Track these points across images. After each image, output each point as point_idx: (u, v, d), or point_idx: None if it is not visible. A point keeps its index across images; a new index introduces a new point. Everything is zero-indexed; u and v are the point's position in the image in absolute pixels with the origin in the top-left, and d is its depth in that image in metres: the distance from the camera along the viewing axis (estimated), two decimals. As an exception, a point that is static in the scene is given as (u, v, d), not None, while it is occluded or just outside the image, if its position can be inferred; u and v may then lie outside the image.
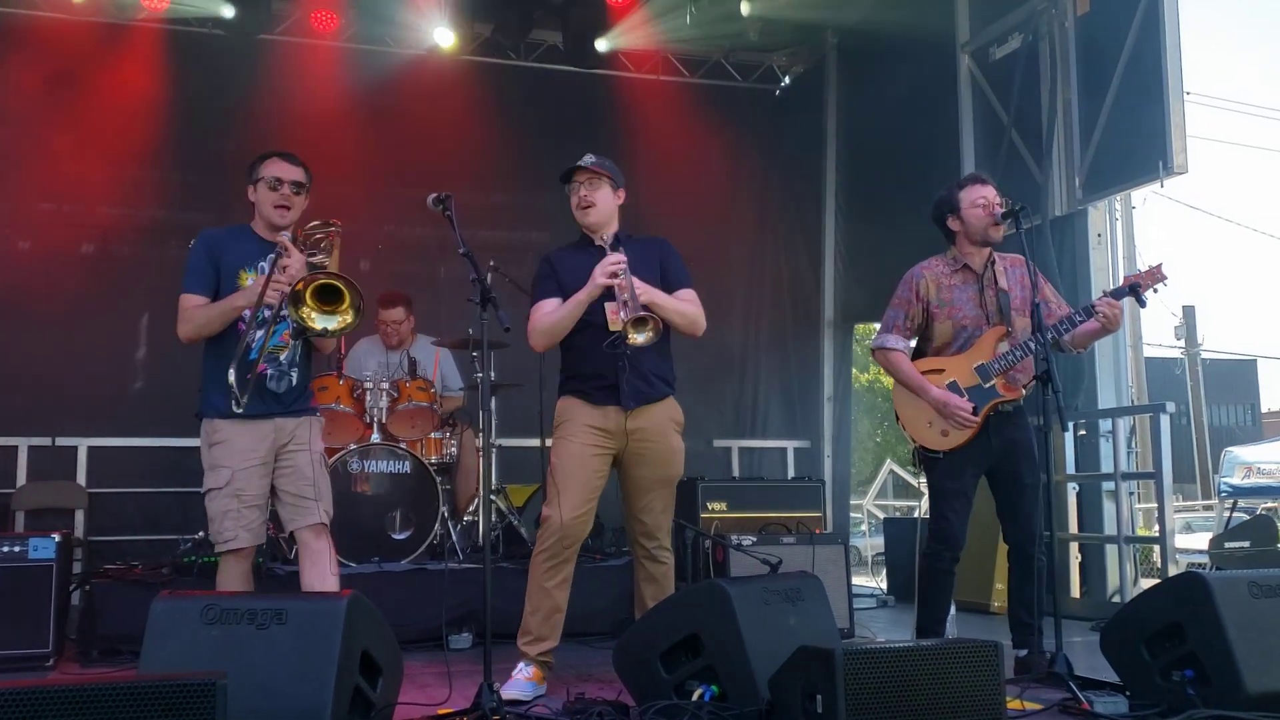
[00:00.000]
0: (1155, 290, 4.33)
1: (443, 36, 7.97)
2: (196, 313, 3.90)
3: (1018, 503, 4.32)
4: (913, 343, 4.52)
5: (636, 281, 3.90)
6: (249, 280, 3.92)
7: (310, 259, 3.89)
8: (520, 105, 8.23)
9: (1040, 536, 4.29)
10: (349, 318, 3.77)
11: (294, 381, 4.00)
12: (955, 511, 4.31)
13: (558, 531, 3.96)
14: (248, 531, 3.86)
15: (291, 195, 3.99)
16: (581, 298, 3.96)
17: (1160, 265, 4.29)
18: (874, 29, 8.27)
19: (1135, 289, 4.28)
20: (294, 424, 3.98)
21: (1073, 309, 4.34)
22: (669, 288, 4.11)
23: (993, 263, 4.45)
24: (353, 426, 6.01)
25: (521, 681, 3.88)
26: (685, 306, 4.10)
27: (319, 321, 3.76)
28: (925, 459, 4.38)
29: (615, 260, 3.91)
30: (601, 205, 4.14)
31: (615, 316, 3.89)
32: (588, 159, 4.16)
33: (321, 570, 3.90)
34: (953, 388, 4.31)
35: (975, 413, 4.26)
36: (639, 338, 3.79)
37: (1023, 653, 4.23)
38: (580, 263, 4.05)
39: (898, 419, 4.48)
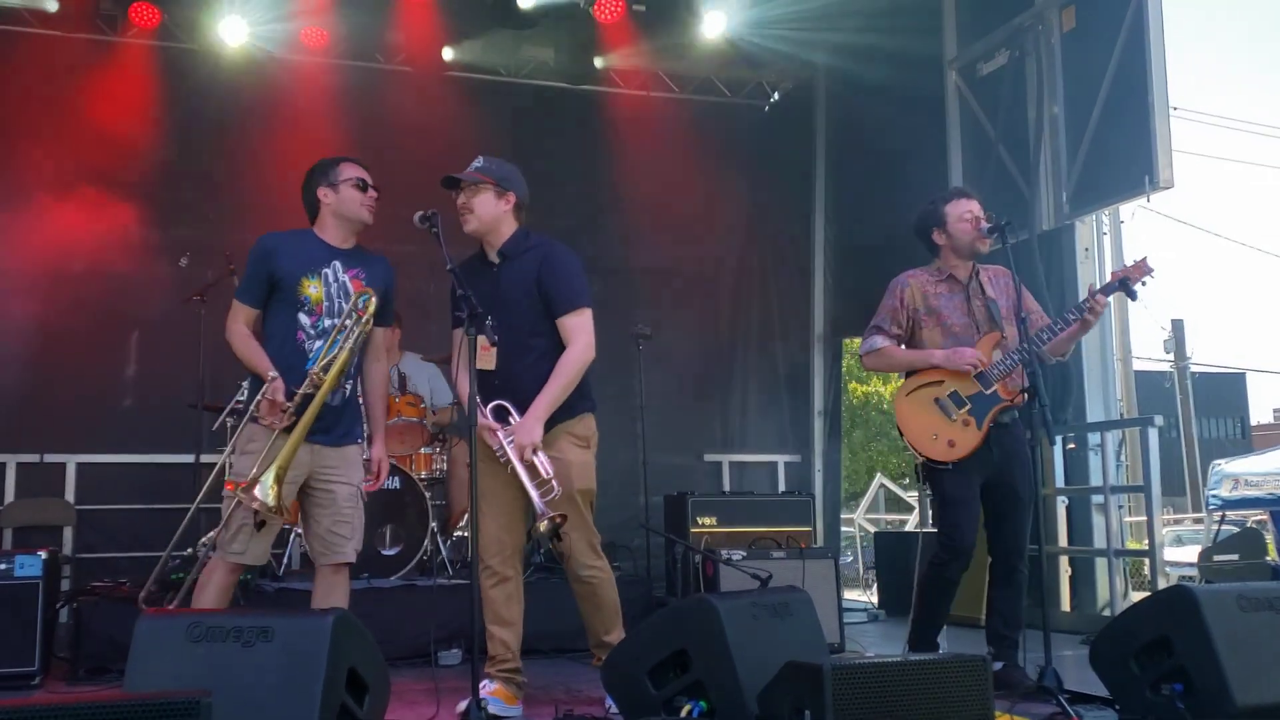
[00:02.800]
0: (1144, 283, 4.29)
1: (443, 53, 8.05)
2: (240, 341, 3.82)
3: (1009, 516, 4.33)
4: (902, 347, 4.51)
5: (523, 448, 3.78)
6: (311, 289, 3.81)
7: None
8: (510, 122, 8.24)
9: (1025, 552, 4.29)
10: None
11: (347, 393, 3.86)
12: (968, 520, 4.29)
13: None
14: (252, 555, 3.76)
15: (374, 196, 3.96)
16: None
17: (1145, 259, 4.26)
18: (862, 46, 8.30)
19: (1125, 283, 4.28)
20: (334, 454, 3.84)
21: (1053, 320, 4.36)
22: (552, 312, 3.96)
23: (977, 273, 4.48)
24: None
25: (489, 700, 3.71)
26: (564, 381, 3.89)
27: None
28: (931, 472, 4.37)
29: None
30: (481, 212, 3.94)
31: (485, 352, 3.82)
32: (473, 164, 3.98)
33: (334, 604, 3.78)
34: (954, 397, 4.32)
35: (982, 416, 4.26)
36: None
37: (998, 666, 4.18)
38: (481, 291, 3.81)
39: (901, 434, 4.45)
